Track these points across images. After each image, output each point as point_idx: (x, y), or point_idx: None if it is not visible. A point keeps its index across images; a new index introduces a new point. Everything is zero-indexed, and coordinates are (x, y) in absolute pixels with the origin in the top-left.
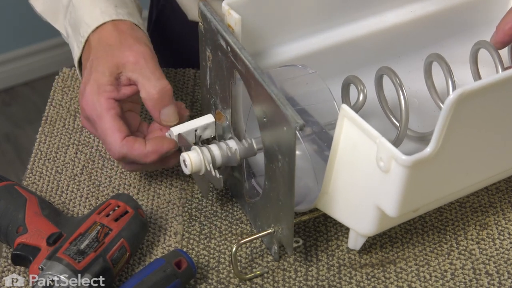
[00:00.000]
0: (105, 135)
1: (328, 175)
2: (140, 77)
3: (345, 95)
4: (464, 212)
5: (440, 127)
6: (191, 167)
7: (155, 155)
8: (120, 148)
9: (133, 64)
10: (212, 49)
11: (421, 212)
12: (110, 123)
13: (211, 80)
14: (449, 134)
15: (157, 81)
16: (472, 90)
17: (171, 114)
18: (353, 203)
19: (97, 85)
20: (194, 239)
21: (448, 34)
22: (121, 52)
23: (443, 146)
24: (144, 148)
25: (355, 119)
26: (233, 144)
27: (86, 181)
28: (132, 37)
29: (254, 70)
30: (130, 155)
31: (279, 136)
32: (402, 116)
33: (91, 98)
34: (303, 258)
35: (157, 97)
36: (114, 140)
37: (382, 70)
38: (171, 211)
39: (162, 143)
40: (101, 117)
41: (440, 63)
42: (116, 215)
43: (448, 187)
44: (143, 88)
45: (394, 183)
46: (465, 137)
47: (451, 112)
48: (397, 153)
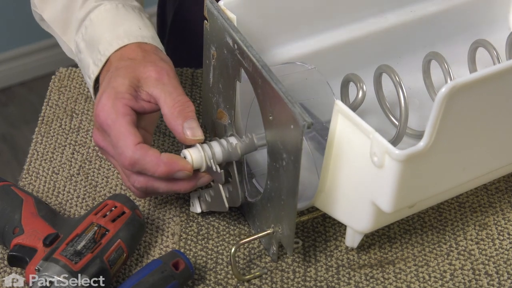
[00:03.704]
0: (118, 139)
1: (324, 172)
2: (162, 93)
3: (344, 94)
4: (464, 212)
5: (432, 121)
6: (191, 163)
7: (168, 168)
8: (133, 153)
9: (156, 80)
10: (217, 47)
11: (418, 209)
12: (125, 127)
13: (214, 78)
14: (442, 128)
15: (179, 95)
16: (464, 83)
17: (195, 128)
18: (349, 199)
19: (115, 92)
20: (191, 240)
21: (448, 34)
22: (144, 67)
23: (436, 140)
24: (159, 156)
25: (349, 115)
26: (234, 140)
27: (83, 181)
28: (156, 55)
29: (262, 68)
30: (142, 161)
31: (285, 134)
32: (402, 114)
33: (107, 103)
34: (301, 259)
35: (179, 110)
36: (127, 144)
37: (381, 68)
38: (169, 211)
39: (178, 159)
40: (116, 121)
41: (438, 61)
42: (113, 216)
43: (443, 183)
44: (165, 103)
45: (388, 178)
46: (459, 131)
47: (444, 106)
48: (390, 147)
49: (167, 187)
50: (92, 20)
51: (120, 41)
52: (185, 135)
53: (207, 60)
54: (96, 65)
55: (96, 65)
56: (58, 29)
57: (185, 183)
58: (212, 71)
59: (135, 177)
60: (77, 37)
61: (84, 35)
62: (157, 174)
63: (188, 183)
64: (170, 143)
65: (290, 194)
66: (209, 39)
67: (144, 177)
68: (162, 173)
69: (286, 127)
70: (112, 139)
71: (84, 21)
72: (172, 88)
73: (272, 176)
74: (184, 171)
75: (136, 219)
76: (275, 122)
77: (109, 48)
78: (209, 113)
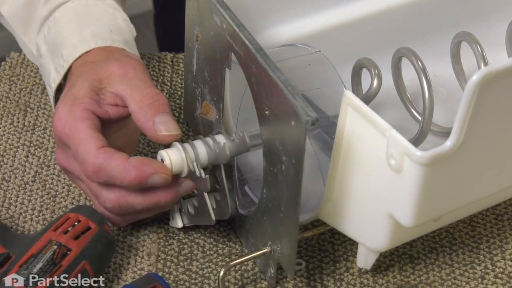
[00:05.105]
0: (78, 146)
1: (331, 178)
2: (128, 88)
3: (356, 82)
4: (502, 227)
5: (462, 115)
6: (171, 167)
7: (138, 172)
8: (96, 157)
9: (120, 76)
10: (202, 27)
11: (445, 222)
12: (85, 132)
13: (198, 65)
14: (473, 124)
15: (148, 88)
16: (501, 69)
17: (169, 121)
18: (361, 211)
19: (72, 98)
20: (171, 261)
21: (483, 11)
22: (106, 65)
23: (467, 138)
24: (126, 159)
25: (361, 108)
26: (222, 139)
27: (40, 190)
28: (122, 53)
29: (256, 51)
30: (107, 167)
31: (284, 132)
32: (426, 107)
33: (63, 110)
34: (305, 284)
35: (149, 103)
36: (88, 148)
37: (401, 52)
38: (144, 226)
39: (150, 161)
40: (75, 128)
41: (470, 43)
42: (76, 232)
43: (476, 190)
44: (132, 98)
45: (408, 185)
46: (494, 127)
47: (475, 97)
48: (410, 148)
49: (144, 200)
50: (57, 19)
51: (86, 44)
52: (158, 131)
53: (189, 43)
54: (58, 72)
55: (58, 72)
56: (18, 28)
57: (165, 192)
58: (196, 56)
59: (104, 195)
60: (39, 39)
61: (46, 36)
62: (126, 181)
63: (168, 191)
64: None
65: (290, 205)
66: (192, 17)
67: (115, 192)
68: (133, 180)
69: (286, 124)
70: (72, 150)
71: (47, 20)
72: (140, 81)
73: (268, 182)
74: (159, 173)
75: (104, 236)
76: (272, 118)
77: (73, 53)
78: (193, 107)
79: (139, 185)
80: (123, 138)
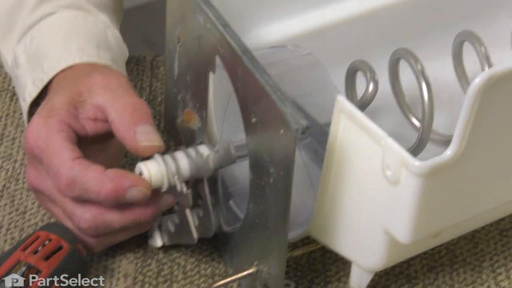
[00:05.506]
0: (50, 158)
1: (322, 191)
2: (109, 98)
3: (350, 86)
4: (506, 243)
5: (463, 122)
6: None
7: (115, 184)
8: (70, 169)
9: (102, 87)
10: (184, 27)
11: (445, 239)
12: (60, 143)
13: (180, 69)
14: (476, 131)
15: (131, 97)
16: (506, 71)
17: (151, 132)
18: (354, 227)
19: (49, 110)
20: (150, 282)
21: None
22: (88, 78)
23: (468, 147)
24: (102, 171)
25: (355, 115)
26: (205, 150)
27: (8, 206)
28: (107, 68)
29: (242, 54)
30: (82, 179)
31: (272, 141)
32: (425, 113)
33: (38, 122)
34: None
35: (130, 112)
36: (62, 160)
37: (398, 53)
38: (121, 245)
39: (127, 173)
40: (49, 140)
41: (473, 43)
42: (47, 252)
43: (478, 203)
44: (112, 107)
45: (405, 198)
46: (498, 135)
47: (478, 102)
48: (408, 158)
49: (121, 217)
50: (42, 30)
51: (70, 58)
52: (138, 141)
53: (170, 45)
54: (35, 85)
55: (36, 86)
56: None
57: (144, 208)
58: (177, 59)
59: (79, 214)
60: (18, 48)
61: (28, 46)
62: (102, 195)
63: (147, 207)
64: None
65: (279, 221)
66: (173, 17)
67: (91, 210)
68: (109, 192)
69: (274, 132)
70: (45, 163)
71: (31, 29)
72: (123, 91)
73: (255, 196)
74: (137, 186)
75: (77, 256)
76: (260, 126)
77: (55, 66)
78: (174, 114)
79: (116, 200)
80: (103, 162)
